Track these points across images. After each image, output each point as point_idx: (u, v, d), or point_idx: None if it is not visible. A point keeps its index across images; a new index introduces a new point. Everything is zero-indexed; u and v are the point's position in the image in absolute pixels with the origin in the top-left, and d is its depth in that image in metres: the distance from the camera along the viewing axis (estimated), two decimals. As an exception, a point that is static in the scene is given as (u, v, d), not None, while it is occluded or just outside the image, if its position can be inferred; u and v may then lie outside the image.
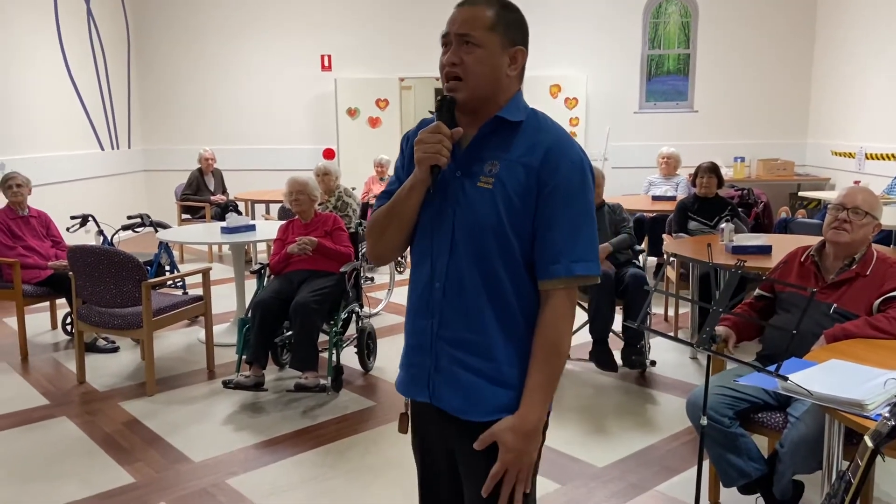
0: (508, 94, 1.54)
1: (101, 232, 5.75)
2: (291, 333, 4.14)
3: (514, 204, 1.48)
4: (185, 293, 5.42)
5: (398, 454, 3.40)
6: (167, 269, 5.91)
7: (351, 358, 4.58)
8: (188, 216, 7.98)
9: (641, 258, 4.71)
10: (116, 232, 5.80)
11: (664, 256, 5.28)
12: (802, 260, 2.92)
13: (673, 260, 5.06)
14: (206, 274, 4.57)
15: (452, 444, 1.60)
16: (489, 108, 1.53)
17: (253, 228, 5.26)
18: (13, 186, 5.03)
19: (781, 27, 9.06)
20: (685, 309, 5.37)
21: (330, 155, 9.50)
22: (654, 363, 4.49)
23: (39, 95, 7.71)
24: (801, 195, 8.23)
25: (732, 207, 5.29)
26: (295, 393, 3.99)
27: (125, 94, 9.54)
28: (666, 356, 4.68)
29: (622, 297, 4.30)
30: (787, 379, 2.10)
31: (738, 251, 4.15)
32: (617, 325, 4.40)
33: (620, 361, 4.32)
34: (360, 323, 4.56)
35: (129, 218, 6.03)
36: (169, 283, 5.84)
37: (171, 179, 8.95)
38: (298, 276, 4.28)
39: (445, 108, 1.52)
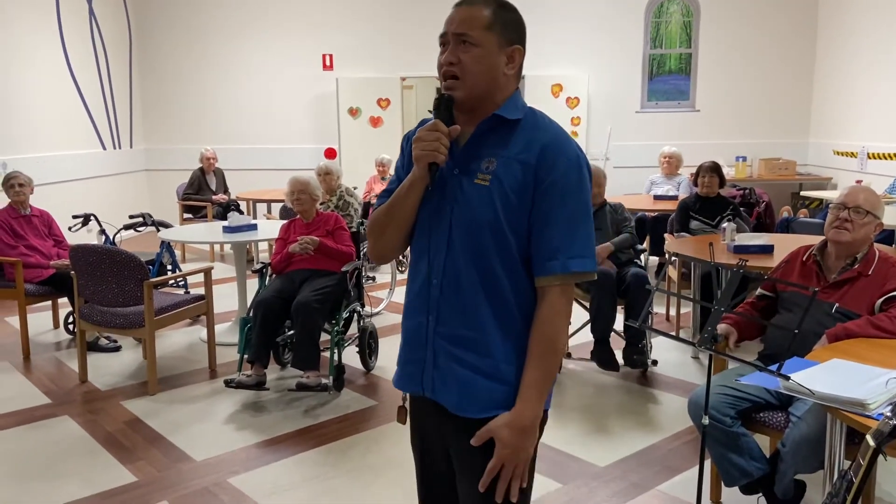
0: (506, 92, 1.55)
1: (102, 231, 5.75)
2: (293, 333, 4.14)
3: (510, 201, 1.49)
4: (186, 292, 5.43)
5: (399, 454, 3.40)
6: (169, 268, 5.92)
7: (352, 357, 4.59)
8: (190, 215, 7.99)
9: (643, 258, 4.71)
10: (118, 231, 5.80)
11: (666, 256, 5.28)
12: (804, 259, 2.92)
13: (674, 259, 5.06)
14: (207, 273, 4.57)
15: (450, 441, 1.61)
16: (487, 106, 1.53)
17: (254, 228, 5.26)
18: (15, 186, 5.04)
19: (783, 26, 9.05)
20: (687, 308, 5.36)
21: (331, 154, 9.50)
22: (655, 362, 4.49)
23: (41, 95, 7.72)
24: (802, 195, 8.22)
25: (734, 207, 5.29)
26: (296, 392, 4.00)
27: (127, 93, 9.54)
28: (667, 355, 4.68)
29: (624, 296, 4.30)
30: (788, 378, 2.10)
31: (739, 251, 4.14)
32: (618, 324, 4.40)
33: (622, 361, 4.32)
34: (361, 322, 4.56)
35: (130, 217, 6.03)
36: (171, 282, 5.85)
37: (172, 179, 8.96)
38: (300, 275, 4.28)
39: (443, 106, 1.52)
